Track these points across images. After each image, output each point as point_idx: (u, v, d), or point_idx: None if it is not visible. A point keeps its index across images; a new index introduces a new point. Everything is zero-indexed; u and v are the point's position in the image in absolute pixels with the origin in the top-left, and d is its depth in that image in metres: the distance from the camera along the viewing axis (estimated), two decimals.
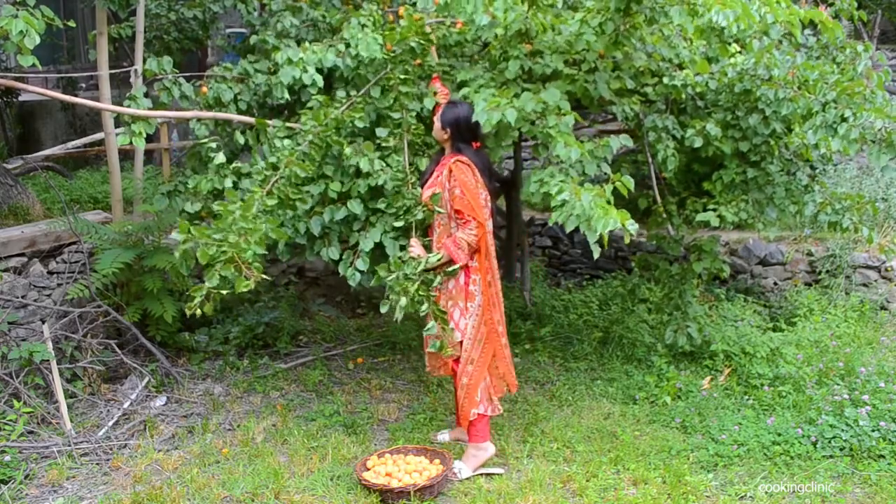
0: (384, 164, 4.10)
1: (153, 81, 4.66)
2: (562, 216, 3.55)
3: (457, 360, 4.05)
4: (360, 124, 4.21)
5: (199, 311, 3.63)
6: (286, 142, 4.12)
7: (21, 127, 10.11)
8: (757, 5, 3.85)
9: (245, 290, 3.57)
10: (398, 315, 3.80)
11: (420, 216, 4.01)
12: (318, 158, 4.13)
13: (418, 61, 4.27)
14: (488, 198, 3.98)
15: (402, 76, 4.20)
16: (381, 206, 4.12)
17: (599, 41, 4.02)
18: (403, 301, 3.79)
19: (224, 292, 3.61)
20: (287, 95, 4.46)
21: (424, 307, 3.83)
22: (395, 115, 4.24)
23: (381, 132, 4.24)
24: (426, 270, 3.89)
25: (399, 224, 4.07)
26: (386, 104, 4.26)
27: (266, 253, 3.80)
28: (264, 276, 3.71)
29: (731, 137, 4.62)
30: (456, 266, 3.91)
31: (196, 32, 6.79)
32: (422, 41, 4.25)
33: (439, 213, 3.97)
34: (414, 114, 4.25)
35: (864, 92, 4.23)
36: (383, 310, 3.86)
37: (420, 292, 3.82)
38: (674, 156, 4.57)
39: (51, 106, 10.16)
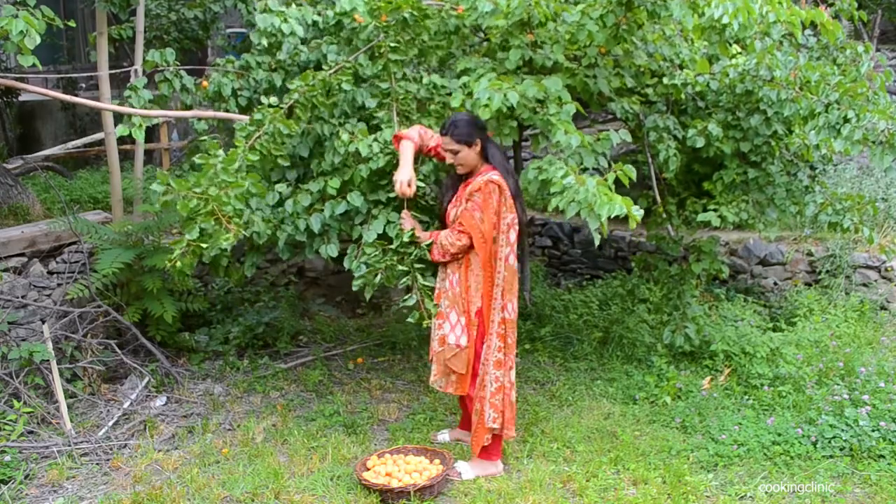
0: (382, 146, 4.05)
1: (153, 74, 4.66)
2: (562, 202, 3.51)
3: (464, 378, 4.01)
4: (346, 87, 4.15)
5: (178, 264, 3.61)
6: (272, 98, 4.10)
7: (21, 127, 10.11)
8: (759, 3, 3.84)
9: (225, 243, 3.57)
10: (368, 294, 3.84)
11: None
12: (304, 119, 4.08)
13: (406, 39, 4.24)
14: (515, 220, 3.82)
15: (392, 44, 4.16)
16: (382, 199, 4.11)
17: (601, 33, 4.00)
18: (378, 278, 3.83)
19: (204, 245, 3.59)
20: (265, 42, 4.39)
21: (405, 279, 3.82)
22: (384, 85, 4.20)
23: (370, 103, 4.21)
24: (410, 244, 3.90)
25: (392, 195, 4.04)
26: (374, 71, 4.23)
27: (245, 209, 3.79)
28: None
29: (732, 138, 4.62)
30: (429, 241, 3.90)
31: (196, 32, 6.80)
32: (415, 13, 4.22)
33: (418, 198, 3.96)
34: (403, 86, 4.20)
35: (867, 93, 4.22)
36: (356, 286, 3.89)
37: (402, 266, 3.82)
38: (675, 156, 4.57)
39: (51, 106, 10.16)
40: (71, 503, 3.86)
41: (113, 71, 5.73)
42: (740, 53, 4.62)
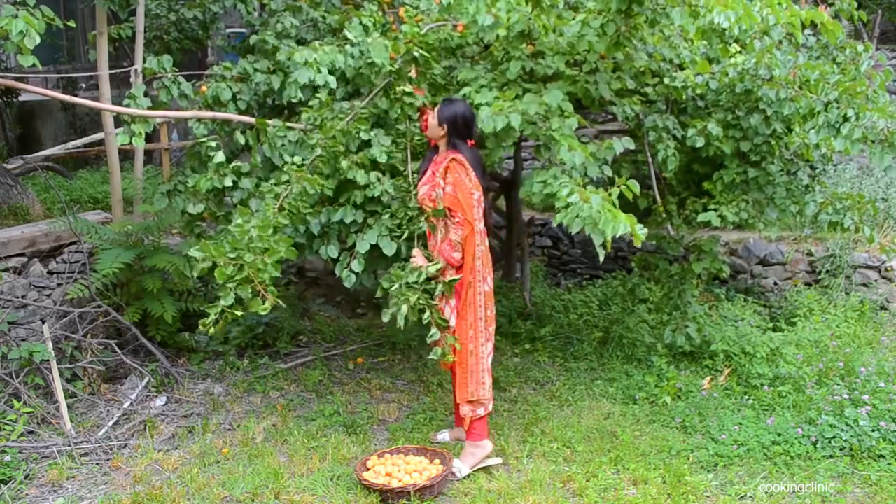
0: (380, 175, 4.11)
1: (152, 80, 4.67)
2: (567, 218, 3.54)
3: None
4: (364, 136, 4.21)
5: (211, 330, 3.67)
6: (296, 157, 4.13)
7: (21, 127, 10.11)
8: (758, 6, 3.84)
9: (263, 312, 3.63)
10: (401, 323, 3.84)
11: (424, 228, 4.03)
12: (327, 172, 4.14)
13: (415, 72, 4.26)
14: (481, 198, 3.97)
15: (405, 88, 4.20)
16: (384, 216, 4.13)
17: (601, 42, 4.01)
18: (405, 309, 3.83)
19: (238, 313, 3.65)
20: (301, 95, 4.44)
21: (426, 315, 3.85)
22: (400, 127, 4.25)
23: (384, 140, 4.25)
24: (429, 279, 3.91)
25: (403, 235, 4.09)
26: (393, 115, 4.27)
27: (279, 276, 3.84)
28: (279, 301, 3.75)
29: (732, 137, 4.62)
30: (457, 277, 3.94)
31: (196, 32, 6.79)
32: (424, 52, 4.25)
33: (437, 215, 3.98)
34: (417, 125, 4.26)
35: (867, 92, 4.22)
36: (385, 319, 3.91)
37: (420, 301, 3.84)
38: (674, 156, 4.57)
39: (51, 106, 10.16)
40: (71, 503, 3.86)
41: (113, 71, 5.73)
42: (740, 52, 4.61)
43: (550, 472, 4.06)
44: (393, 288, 3.89)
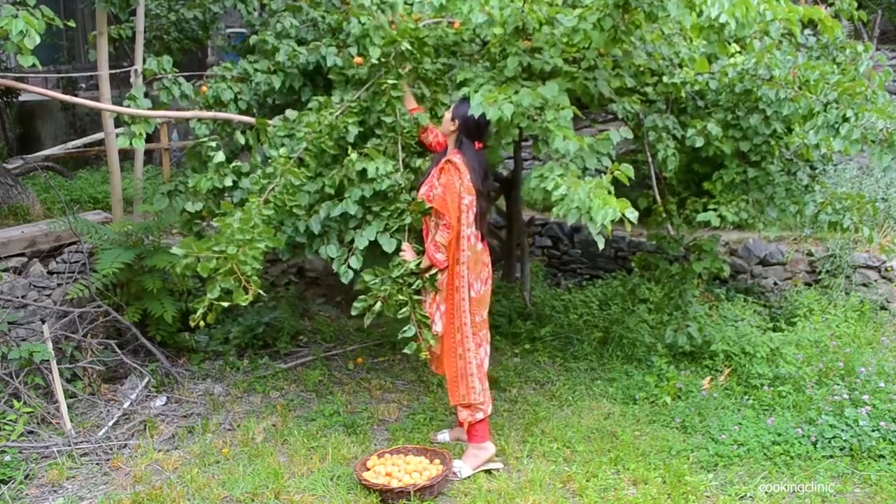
0: (388, 169, 4.10)
1: (153, 81, 4.67)
2: (563, 210, 3.55)
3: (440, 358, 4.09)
4: (353, 129, 4.21)
5: (202, 323, 3.72)
6: (282, 150, 4.13)
7: (21, 127, 10.12)
8: (756, 1, 3.83)
9: (244, 302, 3.66)
10: (367, 320, 3.87)
11: (408, 220, 4.02)
12: (314, 165, 4.14)
13: (407, 68, 4.26)
14: (473, 202, 3.93)
15: (392, 80, 4.19)
16: (377, 209, 4.13)
17: (599, 37, 4.01)
18: (378, 306, 3.85)
19: (225, 304, 3.68)
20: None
21: (404, 310, 3.85)
22: (388, 120, 4.24)
23: (373, 141, 4.25)
24: (412, 274, 3.92)
25: (394, 227, 4.08)
26: (378, 108, 4.26)
27: (262, 267, 3.85)
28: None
29: (732, 137, 4.62)
30: (435, 271, 3.94)
31: (196, 32, 6.79)
32: (413, 43, 4.24)
33: (418, 209, 3.98)
34: (407, 117, 4.25)
35: (866, 92, 4.22)
36: (354, 312, 3.92)
37: (401, 296, 3.84)
38: (674, 155, 4.57)
39: (51, 106, 10.17)
40: (71, 503, 3.86)
41: (113, 71, 5.73)
42: (739, 52, 4.61)
43: (550, 472, 4.06)
44: (373, 282, 3.90)
